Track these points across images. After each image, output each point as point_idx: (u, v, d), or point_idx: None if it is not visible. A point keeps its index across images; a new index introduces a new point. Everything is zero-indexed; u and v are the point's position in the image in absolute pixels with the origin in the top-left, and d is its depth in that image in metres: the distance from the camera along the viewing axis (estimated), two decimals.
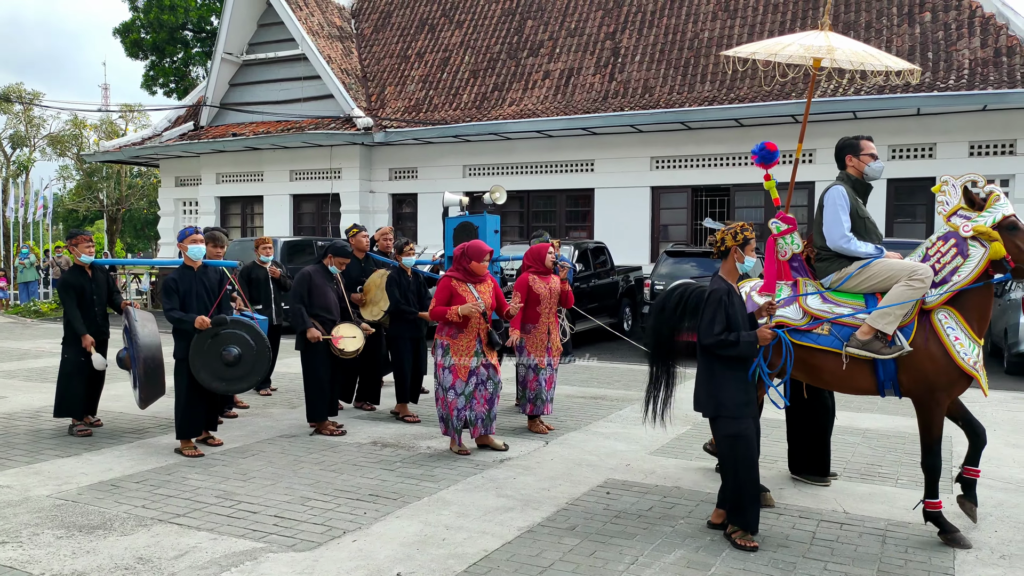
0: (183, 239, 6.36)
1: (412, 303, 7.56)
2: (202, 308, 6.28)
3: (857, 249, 4.79)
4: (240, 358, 6.29)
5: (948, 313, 4.53)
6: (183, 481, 5.56)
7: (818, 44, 5.62)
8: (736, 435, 4.35)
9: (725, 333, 4.32)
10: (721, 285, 4.47)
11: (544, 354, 6.99)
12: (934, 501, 4.51)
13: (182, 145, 20.42)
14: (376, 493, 5.30)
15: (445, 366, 6.21)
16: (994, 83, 13.64)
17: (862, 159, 5.03)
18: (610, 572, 4.01)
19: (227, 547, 4.32)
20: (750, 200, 16.35)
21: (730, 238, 4.51)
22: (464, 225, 8.71)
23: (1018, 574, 4.05)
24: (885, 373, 4.60)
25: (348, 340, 7.01)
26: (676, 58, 17.17)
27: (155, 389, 6.58)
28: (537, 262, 7.06)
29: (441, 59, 20.06)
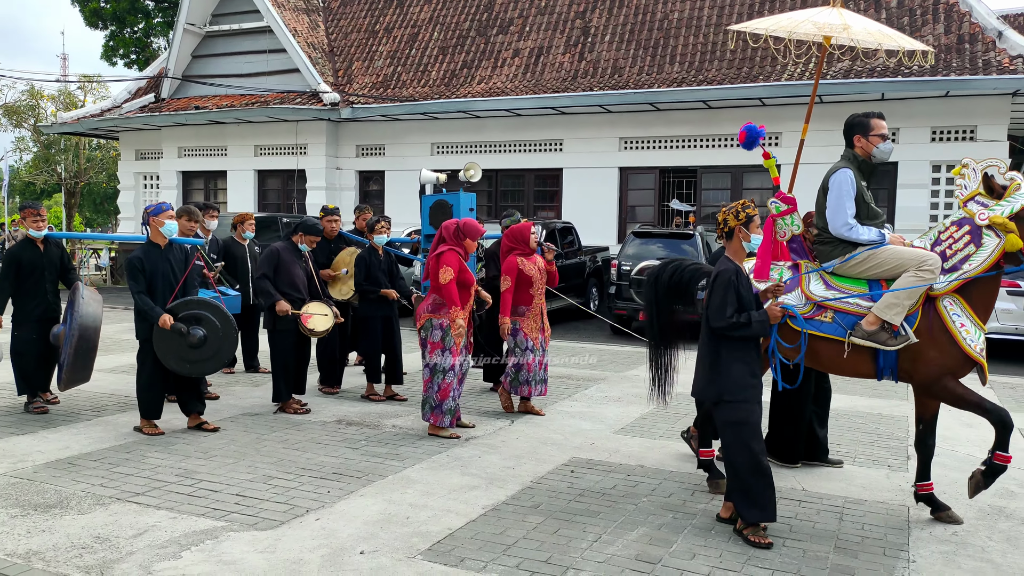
0: (158, 213, 6.11)
1: (381, 282, 7.45)
2: (167, 288, 6.11)
3: (860, 236, 4.67)
4: (205, 339, 6.14)
5: (953, 300, 4.44)
6: (142, 459, 5.47)
7: (832, 22, 5.44)
8: (741, 422, 4.19)
9: (736, 315, 4.20)
10: (728, 266, 4.32)
11: (539, 335, 6.90)
12: (1006, 455, 4.34)
13: (143, 117, 19.96)
14: (340, 471, 5.26)
15: (445, 347, 6.04)
16: (956, 69, 13.83)
17: (871, 140, 4.81)
18: (574, 550, 4.04)
19: (187, 526, 4.26)
20: (717, 182, 16.45)
21: (732, 218, 4.38)
22: (439, 203, 8.59)
23: (969, 550, 4.15)
24: (886, 361, 4.54)
25: (318, 318, 6.90)
26: (645, 39, 17.15)
27: (81, 372, 6.38)
28: (521, 243, 6.92)
29: (410, 35, 19.81)
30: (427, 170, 9.28)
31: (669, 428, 6.62)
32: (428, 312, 6.13)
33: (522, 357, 6.87)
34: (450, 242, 6.17)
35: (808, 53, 15.35)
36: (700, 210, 16.33)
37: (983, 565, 3.97)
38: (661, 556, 3.98)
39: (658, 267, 5.04)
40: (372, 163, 19.28)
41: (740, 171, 16.16)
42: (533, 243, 6.95)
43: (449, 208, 8.48)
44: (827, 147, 15.01)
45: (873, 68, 14.53)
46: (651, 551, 4.04)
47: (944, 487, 5.16)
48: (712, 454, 5.12)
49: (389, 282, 7.52)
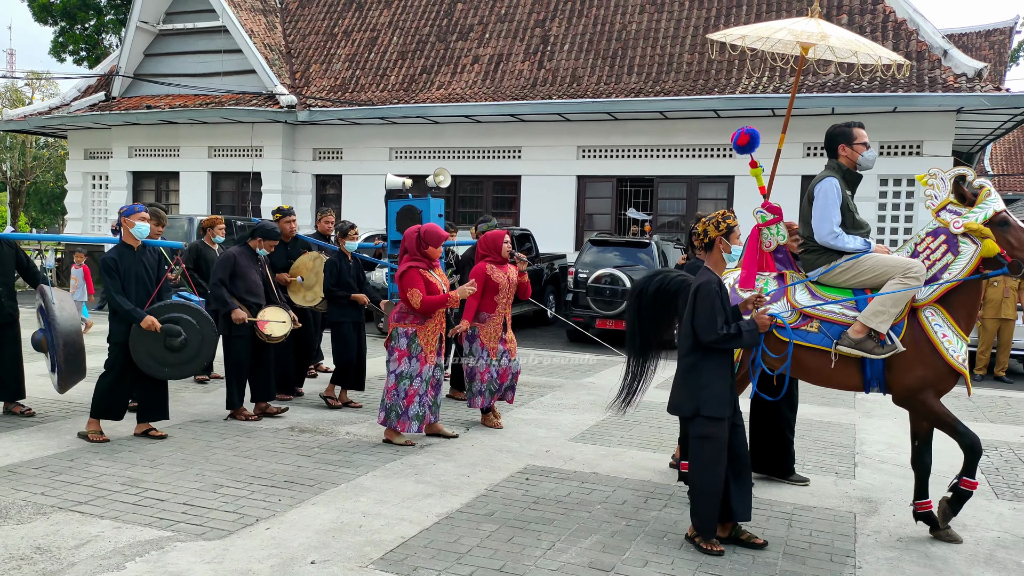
0: (130, 215, 5.95)
1: (351, 288, 7.35)
2: (142, 290, 5.96)
3: (845, 245, 4.64)
4: (185, 343, 6.02)
5: (935, 310, 4.44)
6: (86, 467, 5.32)
7: (810, 30, 5.41)
8: (708, 436, 4.16)
9: (725, 327, 4.13)
10: (710, 277, 4.23)
11: (498, 344, 6.73)
12: (971, 481, 4.37)
13: (92, 116, 19.47)
14: (292, 480, 5.18)
15: (412, 355, 5.99)
16: (904, 86, 14.23)
17: (855, 148, 4.81)
18: (527, 557, 4.03)
19: (132, 536, 4.16)
20: (673, 192, 16.65)
21: (712, 228, 4.30)
22: (407, 209, 8.47)
23: (913, 555, 4.25)
24: (872, 371, 4.51)
25: (275, 324, 6.78)
26: (604, 49, 17.31)
27: (76, 374, 6.24)
28: (493, 251, 6.79)
29: (369, 39, 19.69)
30: (392, 175, 9.16)
31: (624, 436, 6.66)
32: (395, 320, 6.10)
33: (476, 364, 6.76)
34: (412, 255, 6.09)
35: (765, 66, 15.65)
36: (656, 219, 16.51)
37: (926, 571, 4.07)
38: (614, 563, 4.00)
39: (644, 279, 4.95)
40: (329, 167, 19.09)
41: (696, 181, 16.39)
42: (505, 252, 6.79)
43: (417, 214, 8.37)
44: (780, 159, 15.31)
45: (824, 83, 14.87)
46: (604, 559, 4.06)
47: (889, 494, 5.28)
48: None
49: (358, 288, 7.45)
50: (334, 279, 7.31)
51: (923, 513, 4.54)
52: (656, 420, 7.23)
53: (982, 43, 24.99)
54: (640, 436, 6.67)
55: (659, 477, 5.51)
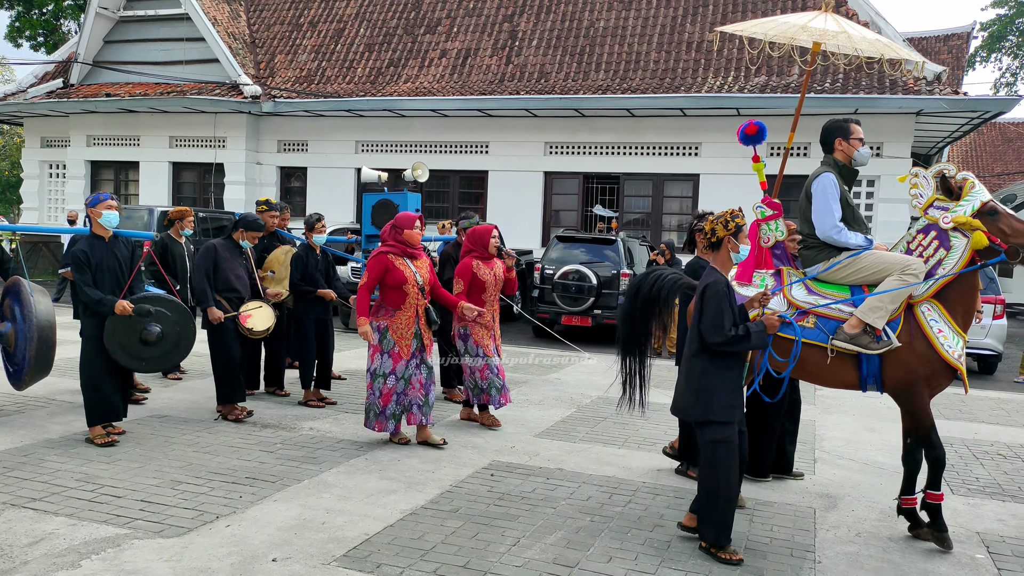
0: (95, 204, 5.69)
1: (318, 283, 7.17)
2: (114, 282, 5.71)
3: (848, 240, 4.60)
4: (162, 336, 5.84)
5: (931, 306, 4.42)
6: (40, 463, 5.19)
7: (829, 28, 5.31)
8: (721, 440, 4.05)
9: (733, 329, 4.03)
10: (718, 278, 4.12)
11: (490, 342, 6.60)
12: (936, 493, 4.38)
13: (49, 103, 19.01)
14: (253, 476, 5.11)
15: (384, 351, 5.81)
16: (865, 88, 14.48)
17: (852, 143, 4.77)
18: (492, 554, 4.02)
19: (87, 533, 4.06)
20: (639, 189, 16.76)
21: (721, 227, 4.19)
22: (383, 203, 8.32)
23: (872, 550, 4.33)
24: (869, 368, 4.46)
25: (258, 318, 6.61)
26: (572, 45, 17.33)
27: (42, 371, 6.02)
28: (480, 246, 6.62)
29: (335, 30, 19.49)
30: (368, 168, 9.00)
31: (588, 432, 6.69)
32: (372, 314, 5.89)
33: (474, 363, 6.59)
34: (389, 239, 5.93)
35: (728, 73, 15.80)
36: (622, 216, 16.61)
37: (884, 565, 4.14)
38: (578, 559, 4.01)
39: (638, 278, 4.89)
40: (294, 159, 18.87)
41: (662, 179, 16.51)
42: (492, 248, 6.62)
43: (394, 208, 8.23)
44: (744, 158, 15.47)
45: (788, 84, 15.06)
46: (568, 554, 4.07)
47: (848, 489, 5.37)
48: None
49: (325, 282, 7.27)
50: (299, 273, 7.14)
51: (907, 509, 4.54)
52: (621, 416, 7.26)
53: (941, 47, 25.51)
54: (605, 432, 6.70)
55: (624, 473, 5.54)
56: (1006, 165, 32.25)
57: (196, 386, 7.82)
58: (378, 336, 5.85)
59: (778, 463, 5.48)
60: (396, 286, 5.83)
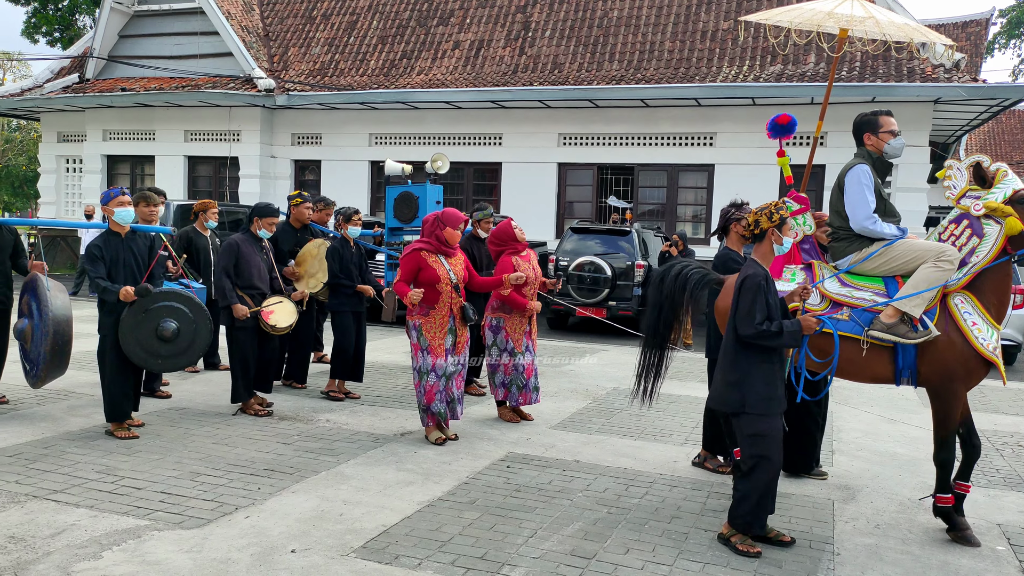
0: (108, 202, 5.71)
1: (353, 276, 7.13)
2: (130, 278, 5.69)
3: (883, 230, 4.54)
4: (179, 332, 5.77)
5: (964, 297, 4.36)
6: (61, 455, 5.24)
7: (856, 14, 5.24)
8: (760, 434, 3.99)
9: (766, 323, 3.96)
10: (758, 270, 4.06)
11: (523, 337, 6.50)
12: (945, 496, 4.36)
13: (66, 98, 19.14)
14: (271, 467, 5.14)
15: (422, 348, 5.77)
16: (883, 76, 14.32)
17: (881, 136, 4.70)
18: (509, 545, 4.03)
19: (108, 524, 4.10)
20: (653, 180, 16.68)
21: (765, 219, 4.10)
22: (404, 195, 8.20)
23: (891, 542, 4.30)
24: (904, 361, 4.38)
25: (280, 314, 6.54)
26: (585, 36, 17.25)
27: (59, 368, 5.98)
28: (509, 240, 6.51)
29: (348, 22, 19.49)
30: (392, 160, 8.90)
31: (604, 423, 6.68)
32: (408, 313, 5.86)
33: (499, 358, 6.53)
34: (425, 234, 5.87)
35: (743, 62, 15.68)
36: (637, 207, 16.54)
37: (904, 557, 4.11)
38: (596, 551, 4.01)
39: (662, 269, 4.86)
40: (308, 152, 18.91)
41: (676, 169, 16.43)
42: (520, 235, 6.51)
43: (415, 200, 8.15)
44: (760, 148, 15.40)
45: (804, 72, 14.92)
46: (586, 546, 4.07)
47: (867, 481, 5.34)
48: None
49: (360, 276, 7.24)
50: (337, 266, 7.09)
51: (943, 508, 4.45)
52: (636, 408, 7.24)
53: (959, 34, 25.21)
54: (621, 424, 6.69)
55: (640, 464, 5.53)
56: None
57: (213, 378, 7.87)
58: (415, 334, 5.81)
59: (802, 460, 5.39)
60: (430, 284, 5.76)
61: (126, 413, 5.82)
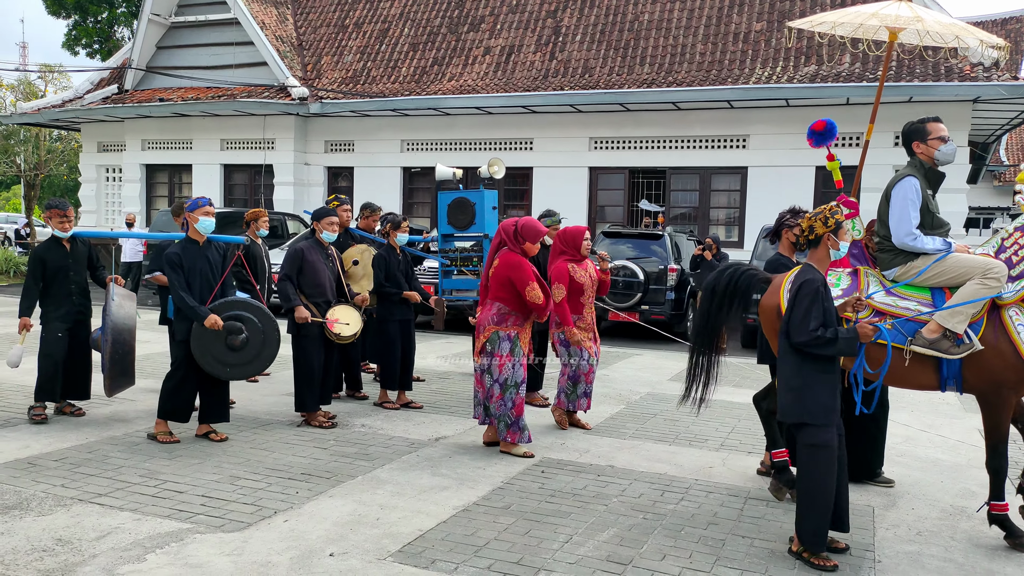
0: (194, 210, 5.81)
1: (400, 284, 7.07)
2: (205, 286, 5.82)
3: (924, 246, 4.47)
4: (247, 342, 5.85)
5: (1020, 310, 4.27)
6: (105, 460, 5.36)
7: (903, 14, 5.18)
8: (820, 444, 3.93)
9: (821, 330, 3.90)
10: (815, 276, 4.00)
11: (592, 344, 6.52)
12: (1000, 503, 4.31)
13: (105, 109, 19.57)
14: (308, 472, 5.20)
15: (516, 359, 5.65)
16: (920, 76, 14.10)
17: (930, 144, 4.61)
18: (544, 550, 4.03)
19: (151, 528, 4.18)
20: (686, 183, 16.58)
21: (820, 224, 4.05)
22: (459, 201, 8.05)
23: (933, 549, 4.23)
24: (949, 370, 4.34)
25: (345, 323, 6.46)
26: (616, 39, 17.22)
27: (123, 377, 6.08)
28: (572, 248, 6.50)
29: (380, 30, 19.67)
30: (443, 165, 8.76)
31: (638, 428, 6.65)
32: (494, 324, 5.69)
33: (578, 368, 6.49)
34: (512, 246, 5.73)
35: (776, 63, 15.53)
36: (669, 211, 16.45)
37: (946, 565, 4.04)
38: (632, 557, 4.00)
39: (714, 276, 4.83)
40: (341, 159, 19.11)
41: (708, 173, 16.32)
42: (585, 249, 6.50)
43: (471, 206, 8.02)
44: (794, 150, 15.25)
45: (839, 73, 14.74)
46: (622, 552, 4.06)
47: (908, 487, 5.26)
48: (785, 454, 4.86)
49: (406, 283, 7.18)
50: (383, 273, 7.02)
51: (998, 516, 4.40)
52: (670, 413, 7.21)
53: (998, 31, 24.67)
54: (655, 429, 6.66)
55: (675, 470, 5.50)
56: None
57: (247, 384, 7.97)
58: (509, 346, 5.68)
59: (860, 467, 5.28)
60: (578, 293, 5.80)
61: (182, 415, 5.89)
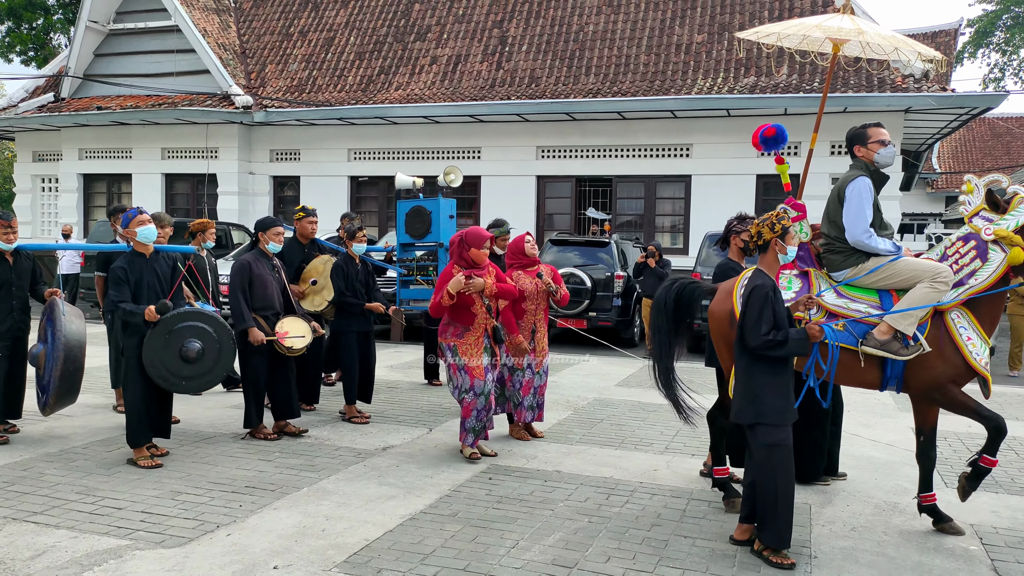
0: (128, 224, 5.53)
1: (359, 294, 6.96)
2: (154, 299, 5.53)
3: (877, 246, 4.61)
4: (203, 353, 5.63)
5: (961, 313, 4.46)
6: (40, 477, 5.21)
7: (846, 27, 5.32)
8: (775, 444, 4.04)
9: (773, 333, 4.02)
10: (766, 280, 4.12)
11: (527, 355, 6.41)
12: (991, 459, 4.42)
13: (41, 117, 19.02)
14: (253, 485, 5.14)
15: (459, 367, 5.76)
16: (854, 87, 14.57)
17: (870, 147, 4.77)
18: (491, 556, 4.06)
19: (89, 545, 4.09)
20: (631, 191, 16.82)
21: (767, 230, 4.17)
22: (416, 210, 7.93)
23: (867, 544, 4.37)
24: (892, 370, 4.50)
25: (296, 336, 6.29)
26: (562, 50, 17.41)
27: (68, 395, 5.87)
28: (519, 254, 6.50)
29: (325, 39, 19.54)
30: (403, 174, 8.64)
31: (585, 434, 6.73)
32: (439, 335, 5.89)
33: (501, 372, 6.43)
34: (454, 256, 5.84)
35: (717, 74, 15.88)
36: (615, 218, 16.66)
37: (878, 559, 4.18)
38: (577, 560, 4.04)
39: (661, 292, 4.89)
40: (287, 168, 18.90)
41: (654, 181, 16.58)
42: (529, 251, 6.48)
43: (427, 215, 7.90)
44: (735, 158, 15.61)
45: (777, 84, 15.15)
46: (567, 555, 4.10)
47: (843, 485, 5.41)
48: (727, 472, 5.00)
49: (365, 294, 7.05)
50: (343, 283, 6.91)
51: (927, 506, 4.61)
52: (617, 418, 7.31)
53: (928, 44, 25.62)
54: (602, 433, 6.74)
55: (620, 473, 5.58)
56: (995, 160, 32.43)
57: (190, 398, 7.82)
58: (450, 354, 5.78)
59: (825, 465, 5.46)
60: (465, 306, 5.73)
61: (148, 438, 5.64)
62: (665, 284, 4.97)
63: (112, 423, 6.70)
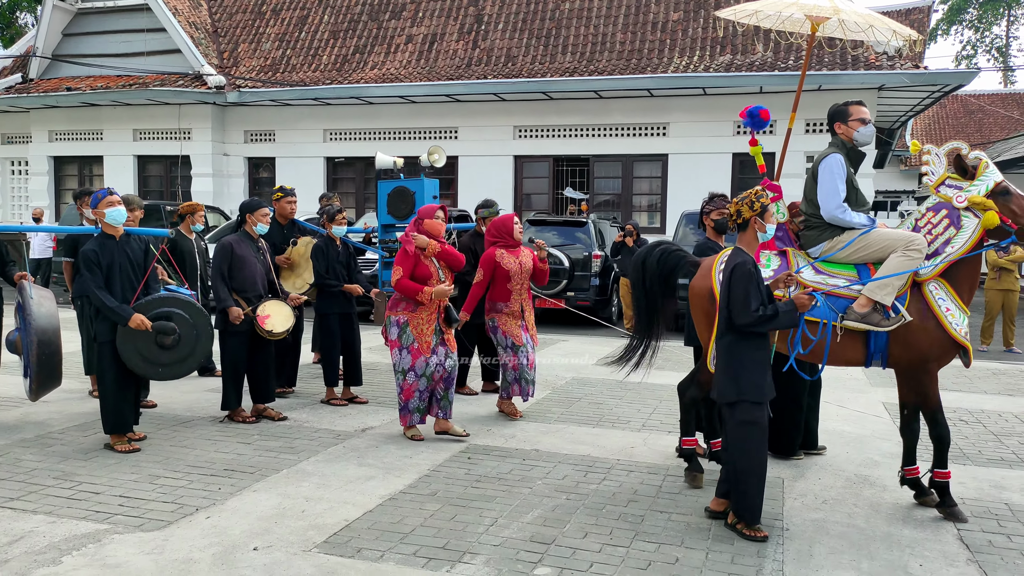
0: (97, 204, 5.38)
1: (340, 276, 6.95)
2: (127, 283, 5.42)
3: (852, 220, 4.67)
4: (180, 340, 5.52)
5: (938, 284, 4.47)
6: (16, 462, 5.18)
7: (823, 5, 5.36)
8: (751, 422, 4.09)
9: (761, 308, 4.04)
10: (746, 258, 4.13)
11: (520, 332, 6.49)
12: (944, 471, 4.47)
13: (8, 99, 18.66)
14: (231, 467, 5.15)
15: (403, 346, 5.71)
16: (828, 64, 14.65)
17: (850, 125, 4.85)
18: (470, 534, 4.11)
19: (67, 530, 4.08)
20: (608, 171, 16.85)
21: (747, 208, 4.20)
22: (399, 190, 7.84)
23: (837, 516, 4.48)
24: (876, 345, 4.53)
25: (276, 319, 6.23)
26: (538, 28, 17.33)
27: (50, 379, 5.78)
28: (504, 235, 6.50)
29: (299, 17, 19.29)
30: (383, 154, 8.54)
31: (564, 412, 6.79)
32: (388, 309, 5.80)
33: (505, 356, 6.52)
34: (407, 233, 5.82)
35: (694, 53, 15.88)
36: (593, 198, 16.70)
37: (849, 530, 4.28)
38: (555, 536, 4.11)
39: (644, 250, 4.92)
40: (262, 149, 18.71)
41: (630, 160, 16.62)
42: (517, 235, 6.51)
43: (410, 195, 7.81)
44: (712, 137, 15.66)
45: (752, 62, 15.19)
46: (545, 532, 4.16)
47: (815, 458, 5.52)
48: (695, 443, 5.03)
49: (346, 275, 7.04)
50: (323, 266, 6.89)
51: (911, 479, 4.67)
52: (596, 396, 7.38)
53: (902, 21, 25.77)
54: (580, 412, 6.81)
55: (598, 451, 5.65)
56: (968, 137, 32.79)
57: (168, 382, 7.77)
58: (397, 331, 5.76)
59: (803, 440, 5.54)
60: (422, 280, 5.73)
61: (127, 425, 5.57)
62: (648, 245, 4.98)
63: (88, 408, 6.66)
